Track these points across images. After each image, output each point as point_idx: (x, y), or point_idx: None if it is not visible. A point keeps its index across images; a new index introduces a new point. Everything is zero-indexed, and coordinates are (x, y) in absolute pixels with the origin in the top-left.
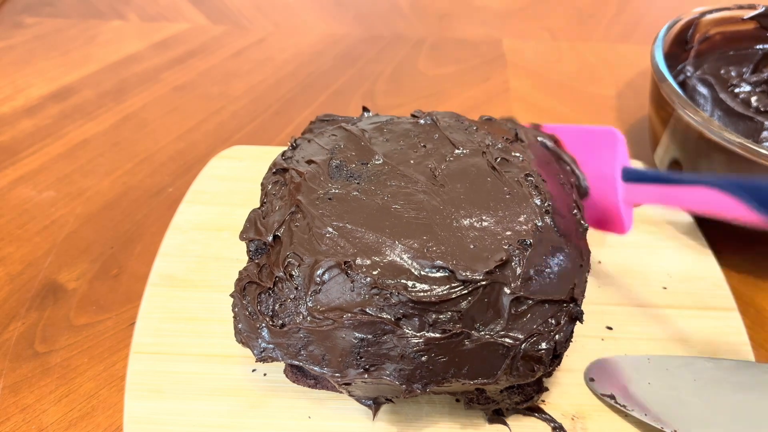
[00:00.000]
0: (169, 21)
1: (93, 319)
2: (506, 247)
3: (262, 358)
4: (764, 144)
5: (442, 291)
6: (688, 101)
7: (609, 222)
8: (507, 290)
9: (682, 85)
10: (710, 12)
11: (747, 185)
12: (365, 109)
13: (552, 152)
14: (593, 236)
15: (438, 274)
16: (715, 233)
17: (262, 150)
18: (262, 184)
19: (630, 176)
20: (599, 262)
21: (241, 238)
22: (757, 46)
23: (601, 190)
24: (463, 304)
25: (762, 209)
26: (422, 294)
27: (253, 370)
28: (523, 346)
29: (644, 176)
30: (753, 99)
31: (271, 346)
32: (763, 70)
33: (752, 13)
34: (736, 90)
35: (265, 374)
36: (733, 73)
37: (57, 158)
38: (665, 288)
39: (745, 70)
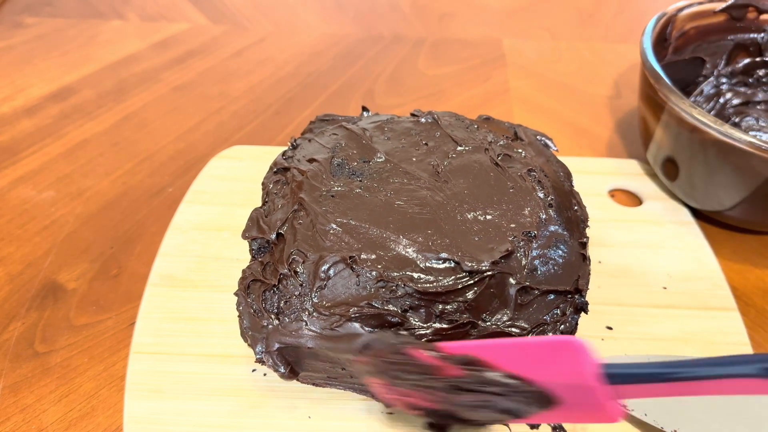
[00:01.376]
0: (169, 21)
1: (93, 319)
2: (511, 239)
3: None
4: (751, 133)
5: (448, 282)
6: (681, 94)
7: (594, 419)
8: (513, 280)
9: None
10: (685, 7)
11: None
12: (365, 108)
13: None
14: (593, 236)
15: (444, 266)
16: (716, 233)
17: (262, 150)
18: (263, 184)
19: (615, 378)
20: (599, 262)
21: (244, 236)
22: (729, 37)
23: (576, 399)
24: (470, 295)
25: None
26: (428, 285)
27: (253, 370)
28: (529, 336)
29: (634, 376)
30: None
31: None
32: (738, 60)
33: (723, 5)
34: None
35: (265, 374)
36: (708, 66)
37: (57, 158)
38: (665, 288)
39: (719, 61)
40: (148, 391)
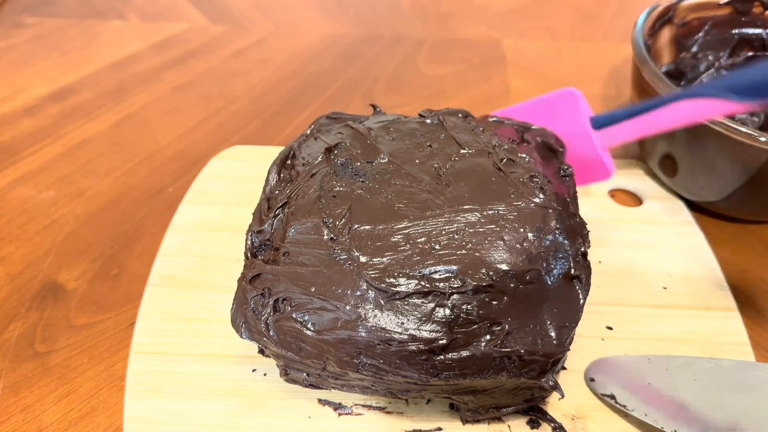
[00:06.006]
0: (169, 21)
1: (93, 319)
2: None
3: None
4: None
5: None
6: (669, 83)
7: (592, 173)
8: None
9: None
10: None
11: (720, 83)
12: (374, 106)
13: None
14: (593, 236)
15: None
16: (716, 233)
17: (262, 150)
18: (266, 180)
19: (600, 123)
20: (599, 262)
21: (248, 232)
22: (733, 31)
23: (576, 147)
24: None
25: (742, 98)
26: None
27: (253, 370)
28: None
29: (614, 118)
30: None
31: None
32: (740, 54)
33: None
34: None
35: (265, 374)
36: (710, 58)
37: (57, 158)
38: (665, 288)
39: (722, 54)
40: (148, 391)
